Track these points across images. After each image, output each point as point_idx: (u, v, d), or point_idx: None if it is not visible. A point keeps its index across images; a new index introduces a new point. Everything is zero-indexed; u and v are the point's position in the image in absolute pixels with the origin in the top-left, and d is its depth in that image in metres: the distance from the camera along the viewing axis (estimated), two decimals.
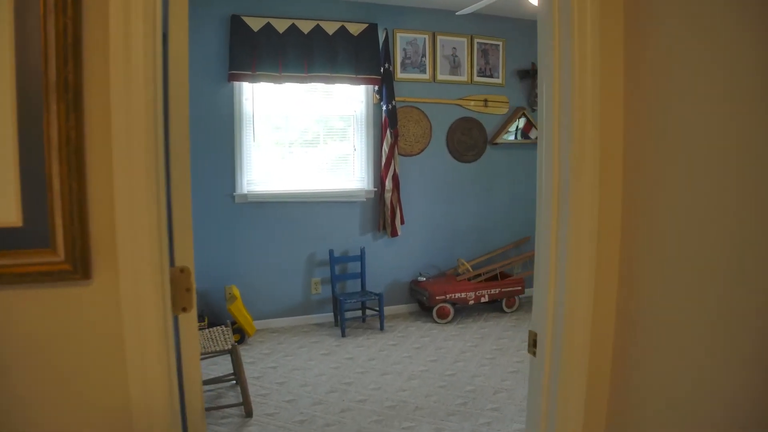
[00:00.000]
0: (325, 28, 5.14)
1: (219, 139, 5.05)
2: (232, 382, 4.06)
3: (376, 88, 5.46)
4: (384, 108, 5.41)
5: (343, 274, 5.56)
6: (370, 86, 5.46)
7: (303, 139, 5.44)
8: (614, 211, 1.54)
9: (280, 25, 5.01)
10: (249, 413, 3.60)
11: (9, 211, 1.08)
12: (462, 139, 5.91)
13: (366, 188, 5.60)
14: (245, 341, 4.94)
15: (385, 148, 5.44)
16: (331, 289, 5.46)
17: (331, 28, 5.16)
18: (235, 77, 4.95)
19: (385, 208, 5.54)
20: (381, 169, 5.50)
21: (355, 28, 5.25)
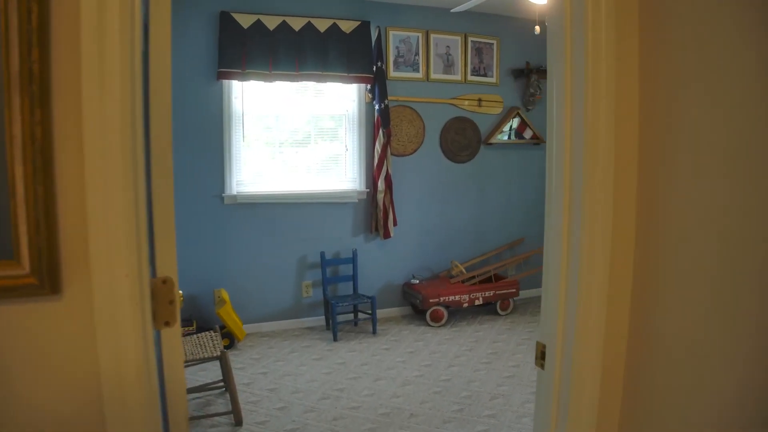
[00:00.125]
0: (317, 26, 5.03)
1: (208, 139, 4.93)
2: (221, 389, 3.94)
3: (369, 86, 5.35)
4: (376, 107, 5.31)
5: (335, 277, 5.45)
6: (363, 85, 5.35)
7: (294, 139, 5.32)
8: (628, 218, 1.44)
9: (271, 22, 4.89)
10: (239, 422, 3.49)
11: None
12: (456, 139, 5.82)
13: (358, 189, 5.49)
14: (235, 346, 4.82)
15: (378, 148, 5.33)
16: (323, 292, 5.34)
17: (322, 25, 5.05)
18: (225, 75, 4.83)
19: (377, 210, 5.43)
20: (373, 170, 5.40)
21: (347, 26, 5.14)
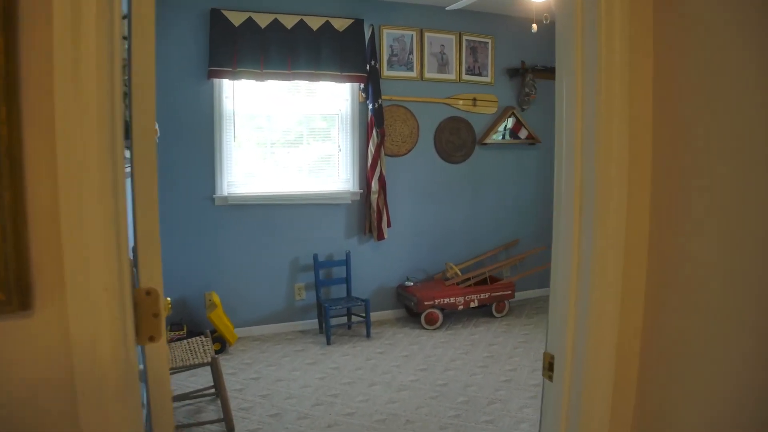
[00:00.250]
0: (309, 24, 4.94)
1: (198, 139, 4.83)
2: (213, 396, 3.85)
3: (362, 86, 5.26)
4: (370, 107, 5.22)
5: (328, 279, 5.36)
6: (356, 84, 5.26)
7: (286, 139, 5.23)
8: (642, 222, 1.37)
9: (262, 20, 4.79)
10: (230, 430, 3.40)
11: None
12: (450, 139, 5.75)
13: (351, 190, 5.40)
14: (226, 350, 4.72)
15: (371, 148, 5.25)
16: (316, 295, 5.25)
17: (315, 23, 4.96)
18: (215, 74, 4.73)
19: (371, 211, 5.35)
20: (367, 170, 5.31)
21: (340, 24, 5.05)
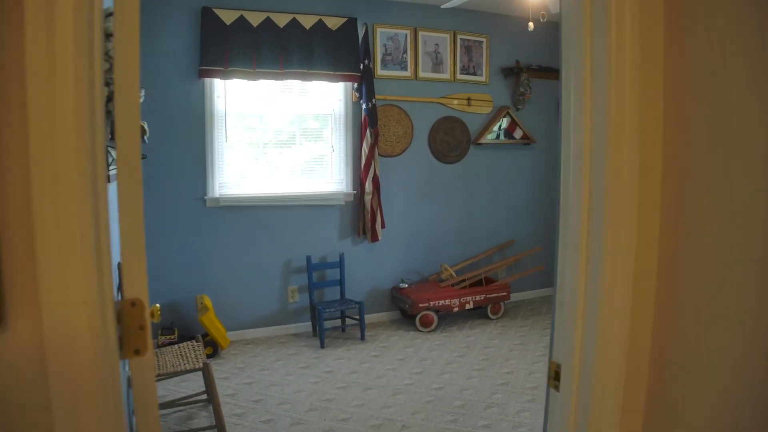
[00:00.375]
0: (302, 22, 4.86)
1: (189, 140, 4.74)
2: (204, 400, 3.77)
3: (356, 85, 5.19)
4: (363, 106, 5.15)
5: (322, 282, 5.28)
6: (349, 84, 5.19)
7: (278, 140, 5.15)
8: (652, 225, 1.31)
9: (254, 19, 4.71)
10: None
11: None
12: (445, 139, 5.69)
13: (345, 191, 5.33)
14: (218, 354, 4.63)
15: (365, 148, 5.18)
16: (309, 298, 5.17)
17: (308, 22, 4.88)
18: (207, 73, 4.65)
19: (365, 212, 5.28)
20: (360, 171, 5.24)
21: (333, 23, 4.98)
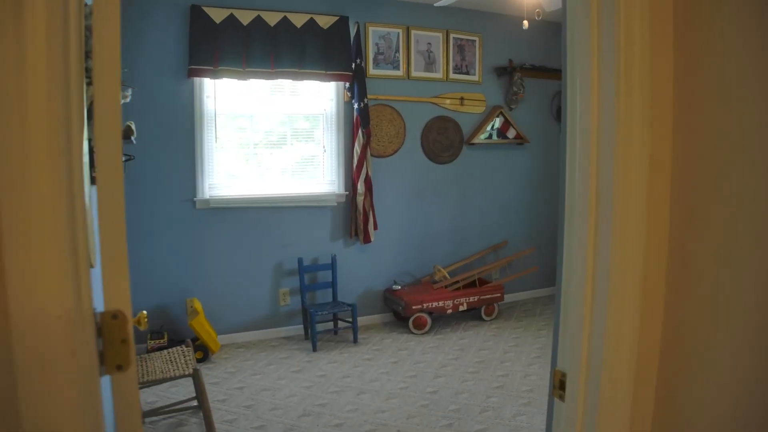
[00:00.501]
0: (293, 21, 4.79)
1: (178, 140, 4.65)
2: (195, 406, 3.69)
3: (348, 85, 5.13)
4: (355, 106, 5.09)
5: (313, 284, 5.21)
6: (341, 83, 5.13)
7: (269, 140, 5.07)
8: (662, 228, 1.26)
9: (245, 17, 4.64)
10: None
11: None
12: (438, 139, 5.64)
13: (337, 192, 5.26)
14: (209, 358, 4.55)
15: (357, 148, 5.11)
16: (301, 300, 5.10)
17: (299, 20, 4.81)
18: (196, 73, 4.56)
19: (357, 213, 5.21)
20: (352, 172, 5.18)
21: (324, 21, 4.91)
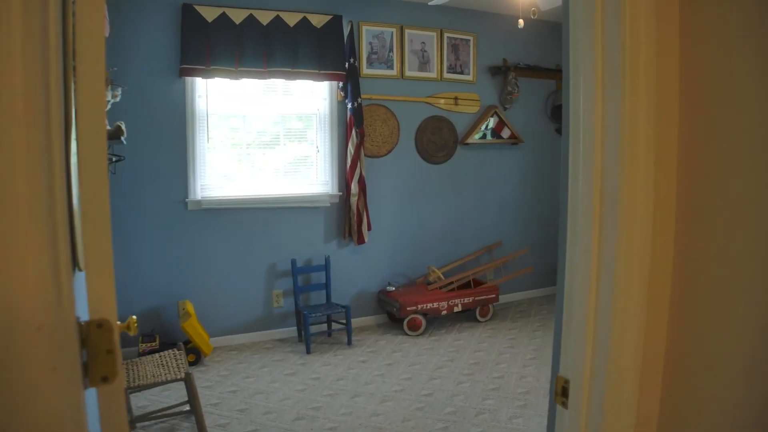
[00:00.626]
0: (286, 20, 4.74)
1: (169, 141, 4.59)
2: (187, 410, 3.63)
3: (341, 84, 5.08)
4: (349, 106, 5.04)
5: (307, 286, 5.16)
6: (334, 83, 5.08)
7: (261, 140, 5.02)
8: (667, 230, 1.22)
9: (237, 16, 4.58)
10: None
11: None
12: (432, 139, 5.60)
13: (330, 192, 5.21)
14: (201, 361, 4.50)
15: (351, 149, 5.07)
16: (294, 302, 5.05)
17: (292, 19, 4.76)
18: (188, 72, 4.51)
19: (350, 214, 5.17)
20: (346, 172, 5.13)
21: (317, 20, 4.87)
